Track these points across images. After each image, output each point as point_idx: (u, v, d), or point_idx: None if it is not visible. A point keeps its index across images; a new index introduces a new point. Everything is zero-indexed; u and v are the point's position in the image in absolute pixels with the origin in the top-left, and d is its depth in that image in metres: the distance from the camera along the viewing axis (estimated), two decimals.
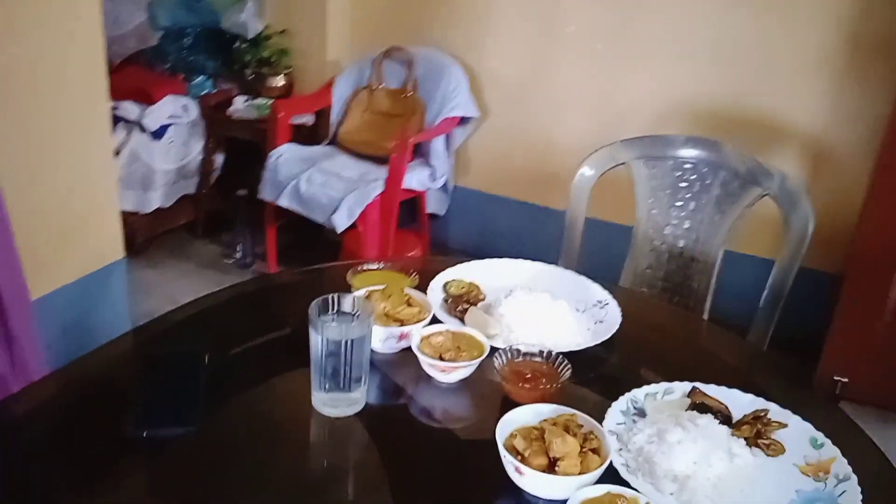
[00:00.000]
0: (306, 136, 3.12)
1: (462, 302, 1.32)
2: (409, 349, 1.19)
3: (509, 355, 1.14)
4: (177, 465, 1.01)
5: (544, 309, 1.27)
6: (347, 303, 1.11)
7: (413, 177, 2.85)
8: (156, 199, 3.04)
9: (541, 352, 1.15)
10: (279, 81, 3.20)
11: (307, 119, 3.15)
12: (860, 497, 0.95)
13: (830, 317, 2.39)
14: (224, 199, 3.22)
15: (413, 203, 3.02)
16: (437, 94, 2.96)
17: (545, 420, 1.00)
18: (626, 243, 1.92)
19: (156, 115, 2.96)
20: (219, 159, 3.23)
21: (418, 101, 2.99)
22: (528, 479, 0.92)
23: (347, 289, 1.28)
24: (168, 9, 3.17)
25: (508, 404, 1.08)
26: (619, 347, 1.28)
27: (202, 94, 3.18)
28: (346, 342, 1.05)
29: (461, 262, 1.45)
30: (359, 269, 1.36)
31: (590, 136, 2.87)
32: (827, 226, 2.03)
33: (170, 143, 3.05)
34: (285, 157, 2.90)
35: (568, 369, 1.12)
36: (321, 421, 1.09)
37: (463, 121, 3.01)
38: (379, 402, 1.15)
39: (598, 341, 1.24)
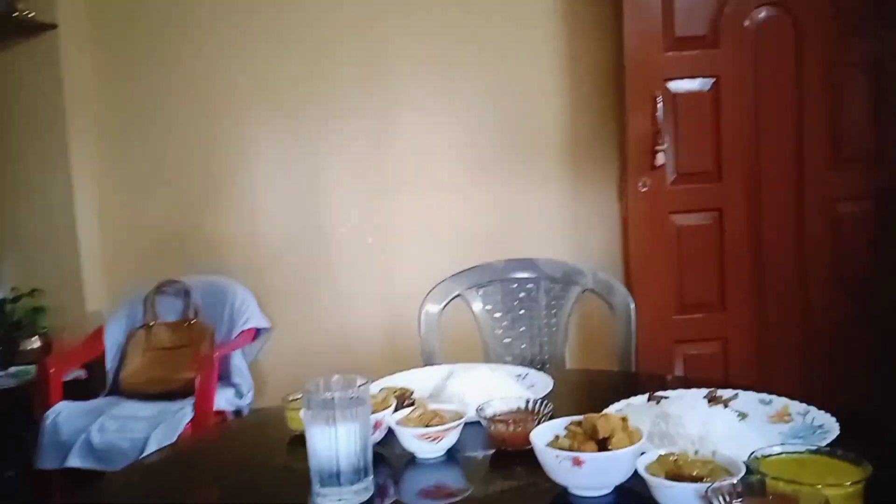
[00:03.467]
0: (80, 392, 2.79)
1: (405, 399, 1.29)
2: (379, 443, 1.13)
3: (490, 411, 1.14)
4: None
5: (490, 378, 1.30)
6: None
7: (220, 398, 2.68)
8: None
9: (520, 399, 1.17)
10: (34, 344, 2.89)
11: (79, 374, 2.84)
12: (829, 417, 1.10)
13: None
14: None
15: None
16: (223, 315, 2.90)
17: (567, 427, 1.01)
18: None
19: None
20: None
21: (204, 327, 2.89)
22: (590, 465, 0.92)
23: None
24: None
25: (502, 460, 1.08)
26: (564, 396, 1.34)
27: None
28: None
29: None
30: (289, 400, 1.28)
31: (383, 318, 3.03)
32: None
33: None
34: (65, 414, 2.55)
35: (550, 406, 1.15)
36: None
37: (256, 335, 2.96)
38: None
39: (546, 393, 1.29)
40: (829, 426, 1.07)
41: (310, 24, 2.98)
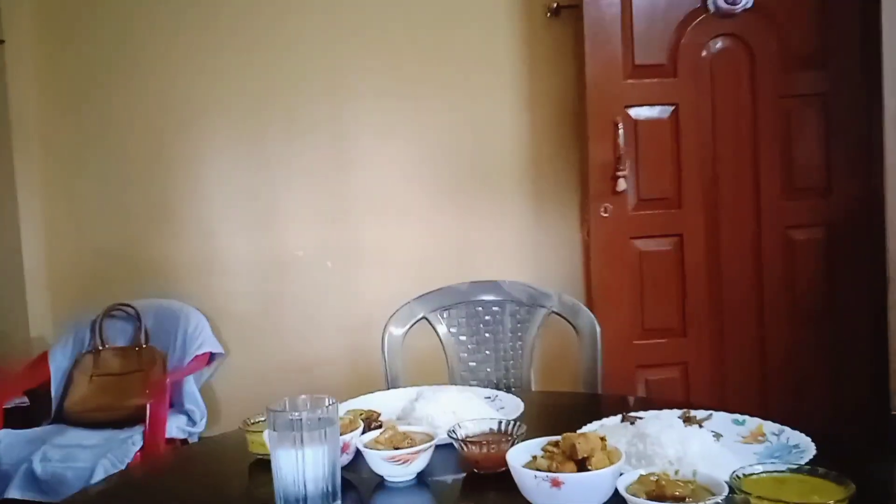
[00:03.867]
0: (21, 420, 2.66)
1: (373, 421, 1.25)
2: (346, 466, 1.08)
3: (462, 432, 1.11)
4: None
5: (459, 400, 1.26)
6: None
7: (171, 425, 2.58)
8: None
9: (492, 421, 1.14)
10: None
11: (21, 401, 2.71)
12: (804, 437, 1.09)
13: None
14: None
15: None
16: (176, 340, 2.81)
17: (544, 448, 0.98)
18: None
19: None
20: None
21: (155, 352, 2.80)
22: (570, 486, 0.89)
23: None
24: None
25: (474, 483, 1.04)
26: (534, 417, 1.31)
27: None
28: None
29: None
30: (250, 423, 1.22)
31: (344, 343, 2.97)
32: None
33: None
34: (6, 442, 2.44)
35: (523, 428, 1.12)
36: None
37: (210, 360, 2.87)
38: None
39: (518, 414, 1.26)
40: (805, 445, 1.06)
41: (272, 44, 2.94)
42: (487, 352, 2.03)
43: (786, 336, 2.73)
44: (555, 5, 2.87)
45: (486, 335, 2.04)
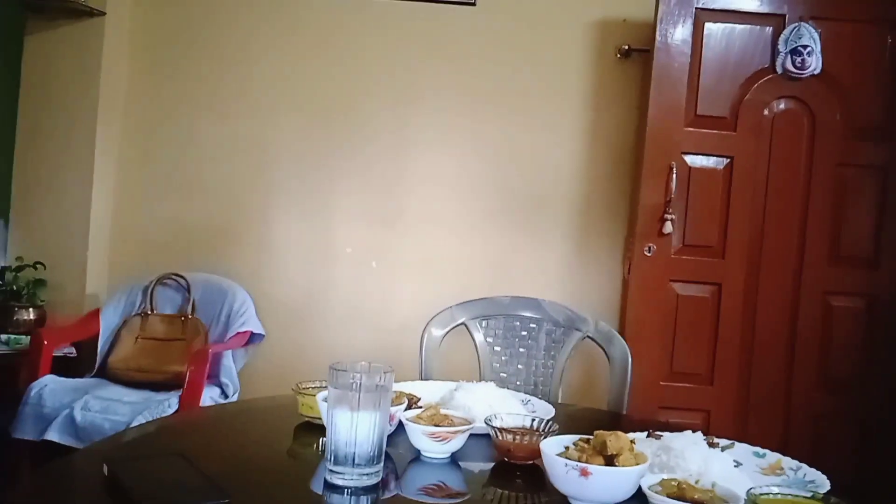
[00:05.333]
0: (66, 369, 2.79)
1: (413, 404, 1.33)
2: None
3: (498, 422, 1.19)
4: None
5: (497, 395, 1.34)
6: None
7: (206, 395, 2.69)
8: None
9: (525, 418, 1.21)
10: (30, 315, 2.89)
11: (69, 350, 2.84)
12: (821, 474, 1.15)
13: None
14: None
15: None
16: (220, 315, 2.93)
17: (575, 442, 1.06)
18: None
19: None
20: None
21: (199, 323, 2.91)
22: (597, 478, 0.96)
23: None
24: None
25: (504, 470, 1.12)
26: (563, 425, 1.38)
27: None
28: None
29: None
30: (302, 387, 1.32)
31: (379, 341, 3.06)
32: None
33: None
34: (51, 387, 2.55)
35: (556, 427, 1.19)
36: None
37: (250, 340, 2.98)
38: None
39: (550, 417, 1.34)
40: (821, 482, 1.12)
41: (350, 50, 3.08)
42: (520, 366, 2.10)
43: (813, 401, 2.75)
44: (626, 47, 2.97)
45: (521, 350, 2.12)
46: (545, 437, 1.12)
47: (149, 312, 2.93)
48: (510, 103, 3.04)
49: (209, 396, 2.72)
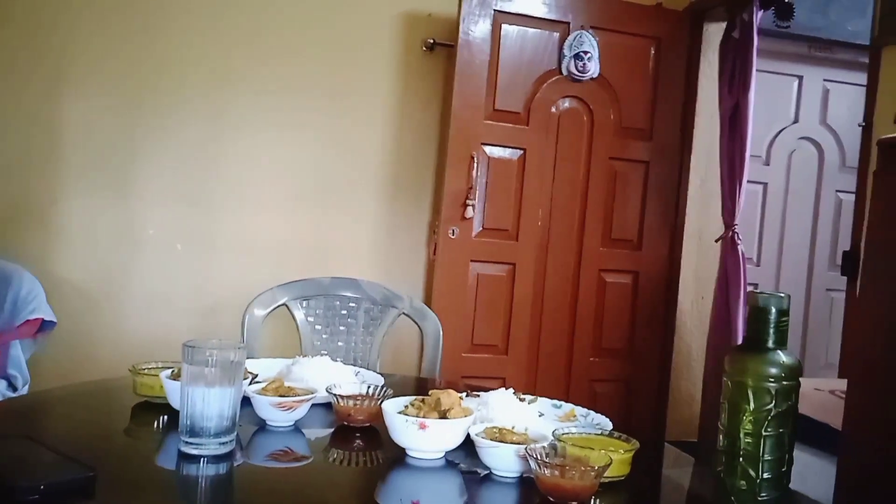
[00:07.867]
0: None
1: (251, 380, 1.40)
2: None
3: (340, 390, 1.30)
4: None
5: (332, 368, 1.46)
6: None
7: None
8: None
9: (362, 385, 1.34)
10: None
11: None
12: (605, 418, 1.39)
13: None
14: None
15: None
16: (5, 301, 2.73)
17: (412, 402, 1.20)
18: None
19: None
20: None
21: None
22: (433, 430, 1.12)
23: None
24: None
25: (344, 433, 1.24)
26: (393, 388, 1.52)
27: None
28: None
29: None
30: (138, 368, 1.34)
31: (190, 324, 3.01)
32: None
33: None
34: None
35: (389, 391, 1.33)
36: None
37: (40, 328, 2.80)
38: None
39: (381, 384, 1.47)
40: (605, 423, 1.36)
41: (160, 27, 2.98)
42: (340, 343, 2.22)
43: (589, 365, 3.15)
44: (431, 41, 3.15)
45: (341, 328, 2.23)
46: (382, 401, 1.26)
47: None
48: (325, 89, 3.11)
49: None
